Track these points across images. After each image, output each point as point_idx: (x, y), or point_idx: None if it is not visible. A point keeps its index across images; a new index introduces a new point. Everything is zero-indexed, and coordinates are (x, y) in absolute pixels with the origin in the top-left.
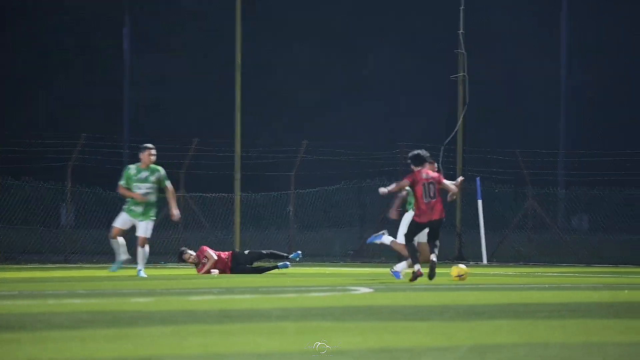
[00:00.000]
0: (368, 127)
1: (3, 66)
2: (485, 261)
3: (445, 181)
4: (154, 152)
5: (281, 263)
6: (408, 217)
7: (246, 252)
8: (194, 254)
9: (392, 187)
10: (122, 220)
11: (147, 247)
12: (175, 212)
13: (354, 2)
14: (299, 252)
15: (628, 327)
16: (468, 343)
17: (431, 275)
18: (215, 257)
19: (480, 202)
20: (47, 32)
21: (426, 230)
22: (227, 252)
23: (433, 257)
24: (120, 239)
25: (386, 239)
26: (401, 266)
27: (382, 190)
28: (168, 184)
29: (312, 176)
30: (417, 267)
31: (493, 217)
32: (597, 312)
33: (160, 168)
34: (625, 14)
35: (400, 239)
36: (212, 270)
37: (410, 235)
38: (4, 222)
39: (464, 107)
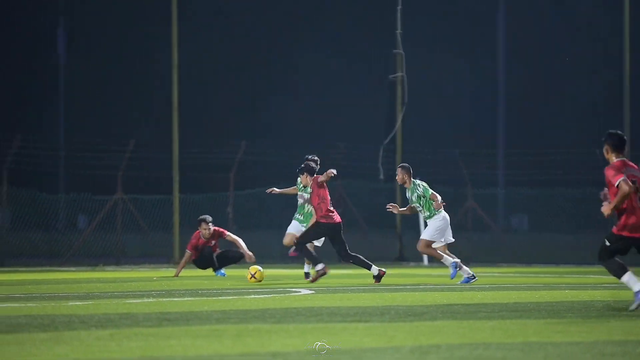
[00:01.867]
0: (307, 128)
1: None
2: (426, 262)
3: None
4: None
5: (219, 272)
6: (434, 223)
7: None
8: (212, 229)
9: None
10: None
11: None
12: None
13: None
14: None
15: (567, 327)
16: (408, 344)
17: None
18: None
19: None
20: None
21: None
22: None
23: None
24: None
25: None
26: (465, 271)
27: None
28: None
29: (251, 177)
30: (320, 265)
31: None
32: (537, 312)
33: None
34: (557, 13)
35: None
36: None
37: (309, 239)
38: None
39: (403, 107)
